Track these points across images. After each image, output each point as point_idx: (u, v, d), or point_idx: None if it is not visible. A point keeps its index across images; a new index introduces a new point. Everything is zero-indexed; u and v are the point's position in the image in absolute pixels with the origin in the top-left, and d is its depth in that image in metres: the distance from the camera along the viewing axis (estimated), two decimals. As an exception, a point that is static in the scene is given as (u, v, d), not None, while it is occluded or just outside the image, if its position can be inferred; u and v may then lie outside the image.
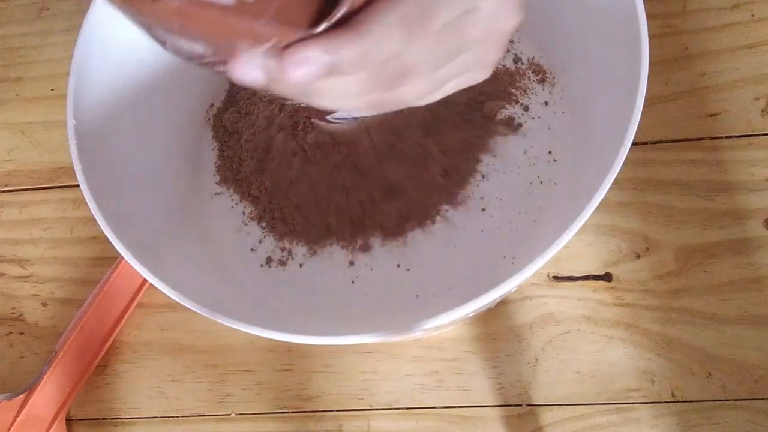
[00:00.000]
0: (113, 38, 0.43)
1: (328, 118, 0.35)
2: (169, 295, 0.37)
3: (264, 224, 0.50)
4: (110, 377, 0.52)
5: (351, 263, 0.48)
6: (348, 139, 0.45)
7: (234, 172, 0.51)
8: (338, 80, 0.26)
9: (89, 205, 0.39)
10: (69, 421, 0.51)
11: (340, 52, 0.24)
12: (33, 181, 0.58)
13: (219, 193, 0.51)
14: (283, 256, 0.49)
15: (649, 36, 0.37)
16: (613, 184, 0.35)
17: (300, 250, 0.49)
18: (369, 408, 0.48)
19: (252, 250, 0.49)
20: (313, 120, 0.44)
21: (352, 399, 0.49)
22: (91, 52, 0.43)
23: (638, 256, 0.48)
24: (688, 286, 0.47)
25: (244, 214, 0.50)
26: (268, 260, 0.49)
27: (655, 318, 0.47)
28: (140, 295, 0.52)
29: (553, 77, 0.50)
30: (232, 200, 0.51)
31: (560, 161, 0.48)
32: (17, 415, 0.49)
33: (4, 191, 0.58)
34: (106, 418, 0.51)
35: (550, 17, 0.48)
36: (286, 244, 0.49)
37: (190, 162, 0.52)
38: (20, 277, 0.55)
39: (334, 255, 0.48)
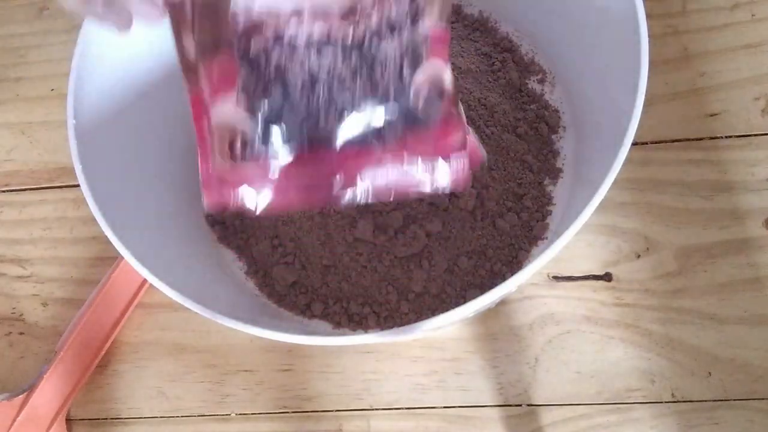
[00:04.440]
0: (113, 38, 0.43)
1: None
2: (169, 295, 0.37)
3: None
4: (110, 377, 0.52)
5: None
6: None
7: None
8: None
9: (89, 205, 0.39)
10: (69, 421, 0.51)
11: None
12: (33, 181, 0.58)
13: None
14: (283, 256, 0.49)
15: (649, 36, 0.37)
16: (613, 184, 0.35)
17: (300, 250, 0.49)
18: (369, 408, 0.48)
19: (252, 250, 0.49)
20: None
21: (352, 399, 0.49)
22: (91, 52, 0.43)
23: (638, 256, 0.48)
24: (688, 286, 0.47)
25: (244, 214, 0.50)
26: (268, 260, 0.49)
27: (655, 318, 0.47)
28: (140, 295, 0.52)
29: (553, 77, 0.51)
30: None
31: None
32: (17, 415, 0.49)
33: (4, 191, 0.58)
34: (106, 418, 0.51)
35: (550, 17, 0.48)
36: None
37: (191, 161, 0.52)
38: (20, 277, 0.55)
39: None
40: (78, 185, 0.40)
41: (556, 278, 0.48)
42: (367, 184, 0.32)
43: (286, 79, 0.31)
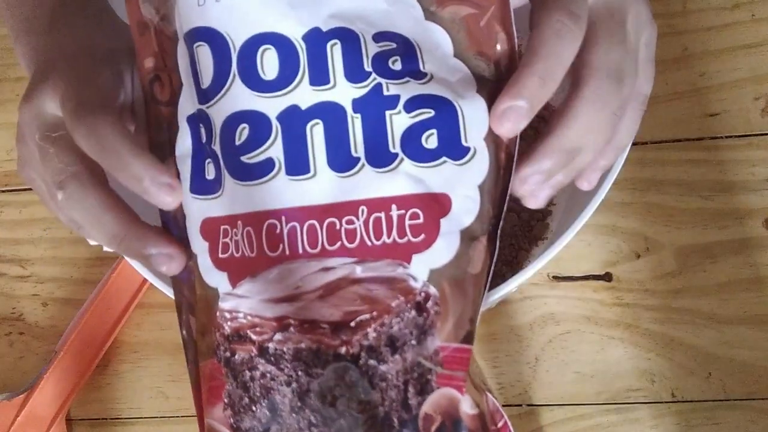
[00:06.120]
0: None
1: None
2: (169, 295, 0.37)
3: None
4: (110, 377, 0.52)
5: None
6: None
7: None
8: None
9: (89, 205, 0.39)
10: (69, 421, 0.51)
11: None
12: (33, 181, 0.58)
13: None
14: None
15: (649, 36, 0.37)
16: (613, 184, 0.35)
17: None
18: (369, 408, 0.48)
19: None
20: None
21: (352, 399, 0.49)
22: (91, 52, 0.43)
23: (638, 256, 0.48)
24: (688, 286, 0.47)
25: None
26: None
27: (655, 318, 0.47)
28: (140, 295, 0.52)
29: (553, 77, 0.50)
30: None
31: (560, 161, 0.48)
32: (17, 415, 0.49)
33: (4, 191, 0.58)
34: (106, 418, 0.51)
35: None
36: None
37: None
38: (20, 277, 0.55)
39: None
40: (78, 185, 0.40)
41: (556, 278, 0.48)
42: None
43: (273, 398, 0.27)
